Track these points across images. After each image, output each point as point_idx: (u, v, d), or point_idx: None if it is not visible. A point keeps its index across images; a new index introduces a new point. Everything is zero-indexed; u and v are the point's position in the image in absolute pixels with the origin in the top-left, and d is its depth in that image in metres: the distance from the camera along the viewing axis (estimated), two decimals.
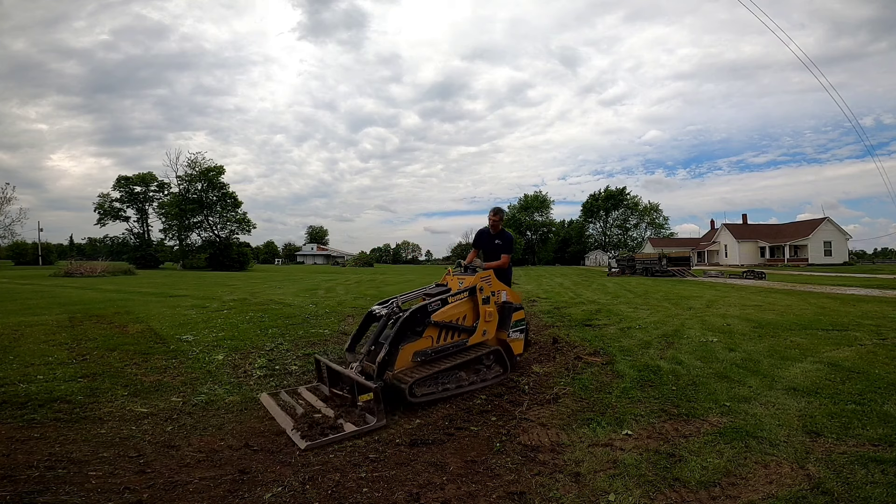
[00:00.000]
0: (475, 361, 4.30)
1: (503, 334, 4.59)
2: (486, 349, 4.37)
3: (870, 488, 2.26)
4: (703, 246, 58.40)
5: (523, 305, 4.88)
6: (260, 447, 3.03)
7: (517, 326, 4.64)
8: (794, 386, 3.88)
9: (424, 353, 4.02)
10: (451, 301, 4.40)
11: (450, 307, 4.33)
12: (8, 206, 43.43)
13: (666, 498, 2.29)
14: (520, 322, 4.67)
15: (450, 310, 4.31)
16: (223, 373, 4.73)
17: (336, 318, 8.16)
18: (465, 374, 4.20)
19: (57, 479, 2.51)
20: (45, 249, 50.98)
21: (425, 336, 4.08)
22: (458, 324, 4.28)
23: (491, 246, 5.46)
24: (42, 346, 5.47)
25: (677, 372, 4.40)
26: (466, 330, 4.33)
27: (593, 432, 3.11)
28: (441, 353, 4.13)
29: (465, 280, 4.62)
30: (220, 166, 50.32)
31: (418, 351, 4.00)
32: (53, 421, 3.36)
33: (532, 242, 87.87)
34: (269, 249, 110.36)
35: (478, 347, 4.36)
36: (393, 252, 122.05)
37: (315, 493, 2.43)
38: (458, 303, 4.41)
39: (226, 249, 48.65)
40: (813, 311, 8.38)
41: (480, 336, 4.40)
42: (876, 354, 4.88)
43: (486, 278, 4.64)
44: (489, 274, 4.75)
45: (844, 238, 46.28)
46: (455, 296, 4.44)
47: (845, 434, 2.90)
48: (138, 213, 52.40)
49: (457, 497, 2.40)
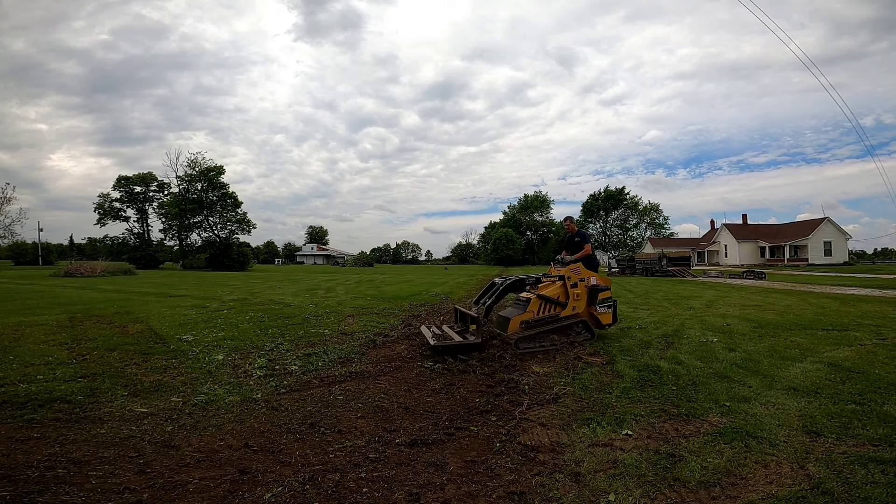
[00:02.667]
0: (566, 328, 5.77)
1: (592, 309, 5.97)
2: (575, 320, 5.81)
3: (870, 488, 2.26)
4: (703, 246, 58.38)
5: (610, 287, 6.14)
6: (260, 447, 3.02)
7: (604, 303, 6.01)
8: (794, 386, 3.88)
9: (528, 322, 5.57)
10: (543, 280, 6.05)
11: (548, 289, 5.84)
12: (8, 206, 43.41)
13: (666, 498, 2.29)
14: (607, 300, 6.03)
15: (547, 291, 5.80)
16: (223, 373, 4.73)
17: (336, 318, 8.16)
18: (556, 337, 5.67)
19: (57, 479, 2.51)
20: (45, 249, 51.01)
21: (528, 310, 5.61)
22: (556, 300, 5.73)
23: (573, 244, 6.73)
24: (42, 346, 5.47)
25: (677, 372, 4.40)
26: (560, 304, 5.75)
27: (593, 432, 3.11)
28: (539, 322, 5.62)
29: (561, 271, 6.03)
30: (219, 166, 50.33)
31: (524, 321, 5.56)
32: (53, 421, 3.36)
33: (532, 242, 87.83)
34: (269, 249, 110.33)
35: (568, 318, 5.76)
36: (393, 252, 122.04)
37: (315, 493, 2.43)
38: (555, 286, 5.89)
39: (226, 249, 48.63)
40: (813, 312, 8.38)
41: (570, 310, 5.80)
42: (876, 354, 4.88)
43: (575, 269, 5.98)
44: (578, 265, 6.04)
45: (844, 238, 46.28)
46: (548, 277, 6.07)
47: (845, 434, 2.90)
48: (138, 213, 52.41)
49: (457, 497, 2.40)
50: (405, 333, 6.81)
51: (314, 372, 4.82)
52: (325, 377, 4.66)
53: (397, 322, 8.15)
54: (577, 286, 5.88)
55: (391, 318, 8.51)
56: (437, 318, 8.32)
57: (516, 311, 5.74)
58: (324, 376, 4.69)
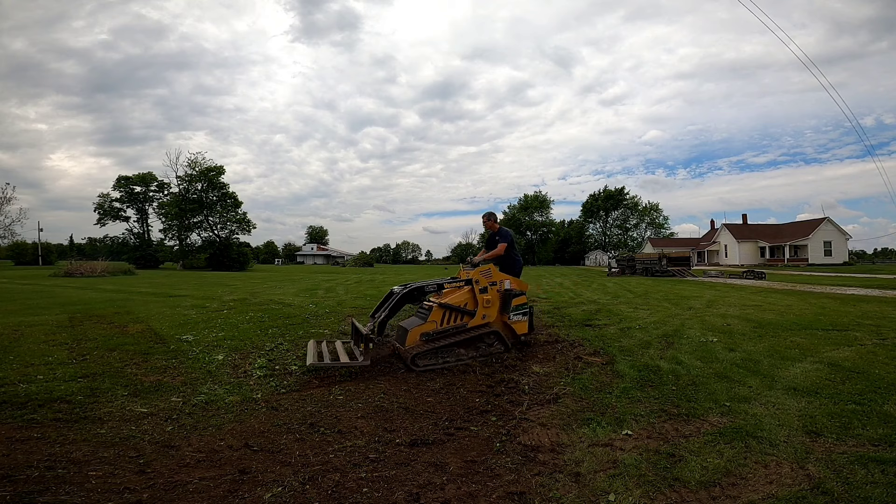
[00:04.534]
0: (476, 340, 5.10)
1: (505, 317, 5.25)
2: (486, 330, 5.11)
3: (870, 488, 2.26)
4: (703, 246, 58.39)
5: (525, 292, 5.43)
6: (260, 447, 3.02)
7: (518, 310, 5.28)
8: (794, 386, 3.88)
9: (429, 334, 4.87)
10: (446, 287, 5.37)
11: (452, 295, 5.17)
12: (8, 206, 43.42)
13: (666, 498, 2.29)
14: (522, 306, 5.30)
15: (451, 298, 5.10)
16: (223, 373, 4.73)
17: (336, 318, 8.16)
18: (463, 351, 5.04)
19: (57, 479, 2.51)
20: (44, 249, 50.96)
21: (430, 320, 4.91)
22: (462, 308, 5.05)
23: (492, 243, 6.23)
24: (42, 346, 5.47)
25: (677, 372, 4.40)
26: (468, 313, 5.07)
27: (593, 432, 3.11)
28: (443, 334, 4.92)
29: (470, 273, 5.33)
30: (219, 166, 50.32)
31: (424, 332, 4.86)
32: (53, 421, 3.36)
33: (532, 242, 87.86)
34: (268, 249, 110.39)
35: (478, 329, 5.08)
36: (393, 252, 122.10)
37: (315, 493, 2.43)
38: (460, 292, 5.20)
39: (226, 249, 48.62)
40: (813, 312, 8.38)
41: (480, 319, 5.11)
42: (876, 354, 4.88)
43: (486, 272, 5.28)
44: (489, 268, 5.36)
45: (844, 238, 46.29)
46: (451, 282, 5.41)
47: (845, 434, 2.90)
48: (138, 213, 52.42)
49: (457, 497, 2.40)
50: None
51: (314, 372, 4.82)
52: (325, 377, 4.66)
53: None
54: (488, 291, 5.15)
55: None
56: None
57: (417, 322, 5.03)
58: (324, 376, 4.69)
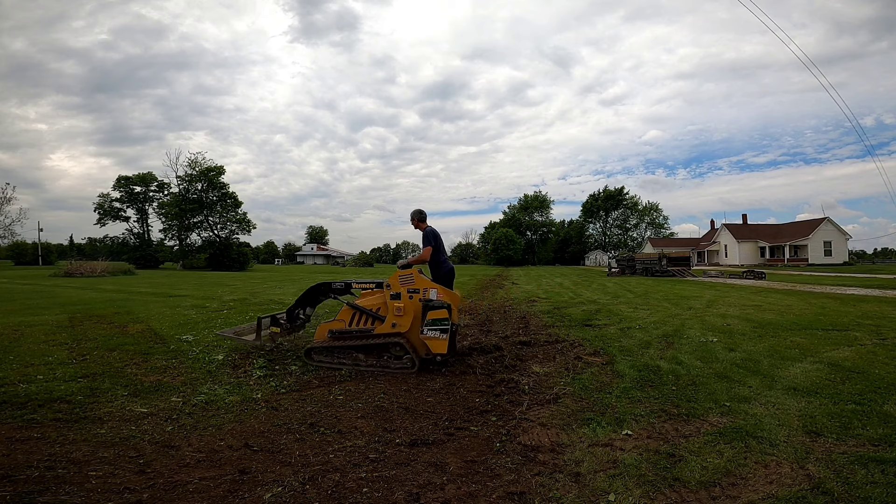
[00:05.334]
0: (380, 348, 4.78)
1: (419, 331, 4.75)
2: (393, 339, 4.72)
3: (870, 488, 2.26)
4: (703, 246, 58.39)
5: (449, 305, 4.80)
6: (260, 447, 3.02)
7: (434, 325, 4.67)
8: (794, 386, 3.88)
9: (336, 332, 4.84)
10: (354, 286, 5.32)
11: (369, 297, 5.03)
12: (8, 206, 43.51)
13: (666, 498, 2.29)
14: (439, 321, 4.67)
15: (364, 300, 5.01)
16: (223, 373, 4.73)
17: None
18: (363, 357, 4.83)
19: (57, 479, 2.51)
20: (44, 249, 51.00)
21: (338, 319, 4.92)
22: (372, 312, 4.84)
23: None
24: (42, 346, 5.47)
25: (677, 372, 4.40)
26: (378, 318, 4.81)
27: (593, 432, 3.11)
28: (349, 334, 4.81)
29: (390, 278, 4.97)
30: (220, 166, 50.36)
31: (332, 329, 4.87)
32: (53, 421, 3.36)
33: (532, 242, 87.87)
34: (268, 249, 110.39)
35: (384, 336, 4.74)
36: (393, 252, 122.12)
37: (315, 493, 2.43)
38: (376, 295, 5.02)
39: (226, 249, 48.64)
40: (813, 312, 8.38)
41: (389, 327, 4.74)
42: (876, 354, 4.88)
43: (406, 277, 4.83)
44: (410, 272, 4.87)
45: (844, 238, 46.29)
46: (360, 283, 5.37)
47: (845, 434, 2.90)
48: (138, 213, 52.44)
49: (457, 497, 2.40)
50: None
51: (314, 372, 4.82)
52: (325, 377, 4.66)
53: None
54: (401, 298, 4.77)
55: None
56: None
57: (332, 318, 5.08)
58: (324, 376, 4.69)
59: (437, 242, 5.37)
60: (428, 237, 5.34)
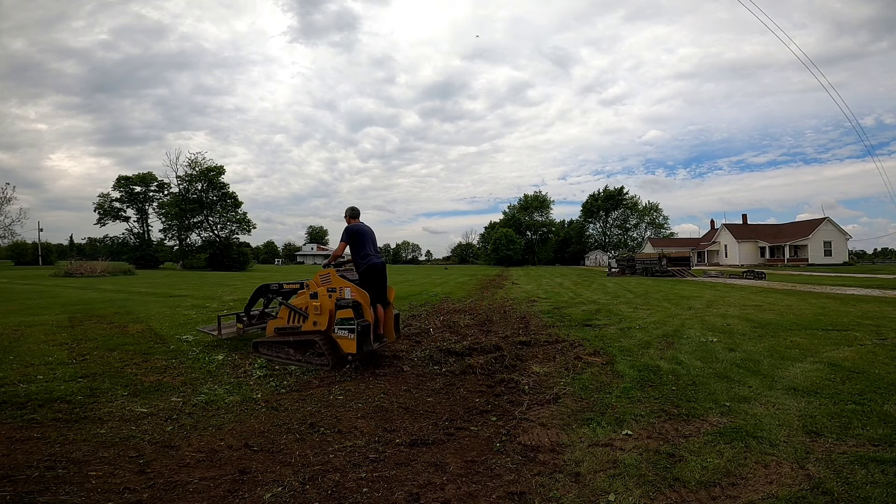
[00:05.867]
0: (306, 344, 5.06)
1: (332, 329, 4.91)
2: (315, 337, 4.96)
3: (870, 488, 2.26)
4: (703, 246, 58.39)
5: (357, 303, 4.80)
6: (260, 447, 3.02)
7: (343, 325, 4.74)
8: (794, 386, 3.88)
9: (279, 328, 5.30)
10: (285, 286, 5.95)
11: (301, 297, 5.30)
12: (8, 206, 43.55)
13: (666, 498, 2.29)
14: (346, 320, 4.71)
15: (296, 299, 5.37)
16: (223, 373, 4.73)
17: None
18: (292, 351, 5.14)
19: (57, 479, 2.51)
20: (45, 249, 51.04)
21: (279, 316, 5.42)
22: (300, 310, 5.17)
23: None
24: (42, 346, 5.47)
25: (677, 372, 4.40)
26: (304, 315, 5.13)
27: (593, 432, 3.11)
28: (285, 330, 5.25)
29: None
30: (219, 166, 50.40)
31: (277, 326, 5.35)
32: (53, 421, 3.36)
33: (532, 242, 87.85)
34: (268, 249, 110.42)
35: (308, 334, 5.04)
36: (393, 252, 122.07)
37: (315, 493, 2.43)
38: (304, 294, 5.24)
39: (226, 249, 48.66)
40: (813, 312, 8.38)
41: (311, 325, 5.05)
42: (876, 354, 4.88)
43: (325, 276, 5.02)
44: (328, 272, 5.04)
45: (844, 238, 46.28)
46: (289, 284, 5.99)
47: (845, 434, 2.90)
48: (138, 213, 52.47)
49: (457, 497, 2.40)
50: (405, 333, 6.81)
51: (314, 372, 4.82)
52: (325, 377, 4.66)
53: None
54: (318, 297, 4.97)
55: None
56: (438, 318, 8.33)
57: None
58: (324, 376, 4.69)
59: (356, 239, 5.31)
60: (344, 233, 5.37)
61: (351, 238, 5.31)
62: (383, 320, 5.30)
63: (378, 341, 5.17)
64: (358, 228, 5.36)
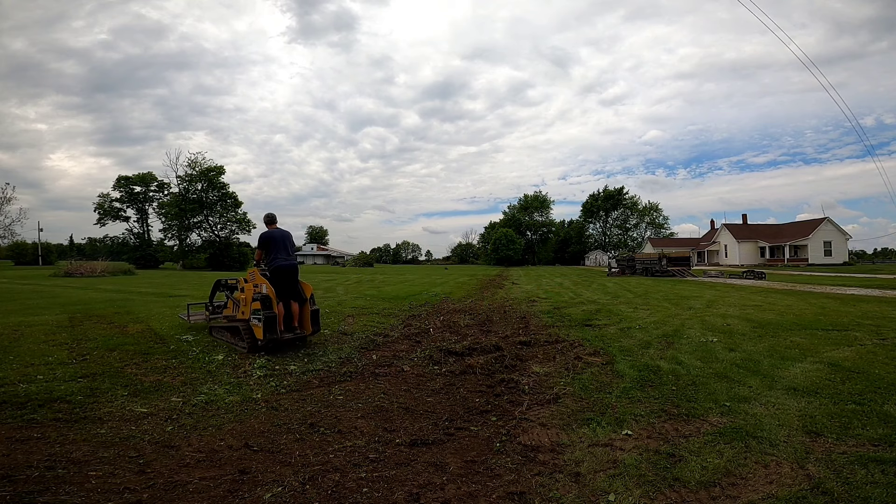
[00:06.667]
0: (236, 329, 5.92)
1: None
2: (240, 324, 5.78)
3: (870, 488, 2.26)
4: (703, 246, 58.39)
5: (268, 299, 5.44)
6: (260, 447, 3.02)
7: (255, 314, 5.50)
8: (794, 386, 3.88)
9: (227, 316, 6.36)
10: (229, 281, 7.08)
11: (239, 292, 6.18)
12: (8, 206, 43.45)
13: (666, 498, 2.29)
14: (257, 311, 5.48)
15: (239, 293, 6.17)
16: (223, 373, 4.73)
17: (336, 318, 8.16)
18: (229, 335, 6.05)
19: (57, 479, 2.51)
20: (44, 249, 50.97)
21: (228, 306, 6.54)
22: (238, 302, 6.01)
23: None
24: (42, 346, 5.46)
25: (677, 372, 4.40)
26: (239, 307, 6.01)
27: (593, 432, 3.11)
28: (231, 318, 6.17)
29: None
30: (219, 166, 50.32)
31: (226, 315, 6.42)
32: (53, 421, 3.36)
33: (532, 242, 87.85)
34: None
35: (239, 321, 5.85)
36: (393, 252, 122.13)
37: (315, 493, 2.43)
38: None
39: (226, 249, 48.65)
40: (813, 312, 8.38)
41: (241, 314, 5.90)
42: (876, 354, 4.88)
43: (252, 274, 5.88)
44: (253, 271, 5.92)
45: (844, 238, 46.27)
46: (231, 280, 7.08)
47: (845, 434, 2.90)
48: (138, 213, 52.38)
49: (457, 497, 2.40)
50: (405, 333, 6.81)
51: (314, 372, 4.82)
52: (325, 377, 4.66)
53: (397, 322, 8.15)
54: (244, 291, 5.86)
55: (391, 319, 8.51)
56: (438, 318, 8.33)
57: None
58: (324, 376, 4.69)
59: (266, 244, 5.93)
60: (258, 239, 6.08)
61: (261, 244, 6.00)
62: (297, 315, 5.92)
63: (290, 332, 5.76)
64: (269, 235, 5.98)
